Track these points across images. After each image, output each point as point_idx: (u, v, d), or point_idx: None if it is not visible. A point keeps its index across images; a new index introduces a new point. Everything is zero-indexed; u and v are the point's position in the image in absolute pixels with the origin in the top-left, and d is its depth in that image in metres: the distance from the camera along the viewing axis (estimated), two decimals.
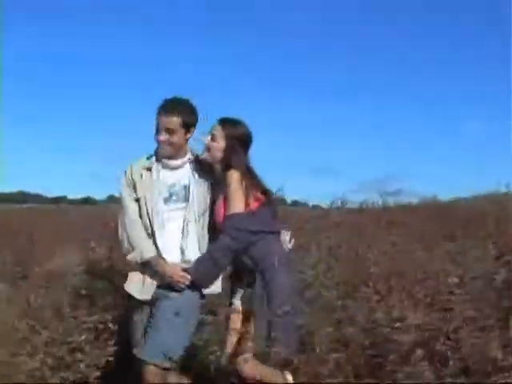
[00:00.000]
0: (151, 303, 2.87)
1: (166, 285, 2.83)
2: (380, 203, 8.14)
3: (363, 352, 2.67)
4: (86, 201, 23.79)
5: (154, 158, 2.96)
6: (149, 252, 2.85)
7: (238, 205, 2.67)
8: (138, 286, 2.88)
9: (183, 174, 2.94)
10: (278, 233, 2.78)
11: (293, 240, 2.83)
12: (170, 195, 2.91)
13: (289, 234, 2.83)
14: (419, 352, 2.28)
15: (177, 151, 2.91)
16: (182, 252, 2.85)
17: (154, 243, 2.86)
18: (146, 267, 2.87)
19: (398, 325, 2.56)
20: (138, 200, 2.92)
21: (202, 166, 2.94)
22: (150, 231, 2.88)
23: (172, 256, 2.86)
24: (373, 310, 2.97)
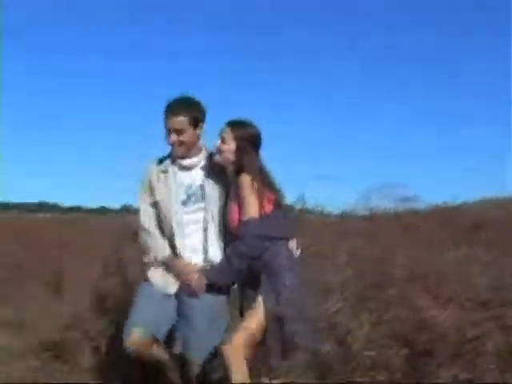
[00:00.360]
0: (175, 297, 2.85)
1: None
2: (391, 209, 8.21)
3: (408, 349, 2.74)
4: (102, 211, 23.79)
5: (168, 161, 2.92)
6: (162, 253, 2.84)
7: (252, 210, 2.63)
8: (161, 281, 2.86)
9: (198, 173, 2.91)
10: (288, 239, 2.77)
11: (300, 248, 2.81)
12: (188, 197, 2.87)
13: (295, 241, 2.80)
14: (488, 345, 2.33)
15: (189, 149, 2.86)
16: (205, 252, 2.83)
17: (175, 245, 2.83)
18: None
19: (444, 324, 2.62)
20: (156, 203, 2.90)
21: (215, 165, 2.88)
22: (170, 234, 2.85)
23: (195, 257, 2.83)
24: (412, 309, 3.07)
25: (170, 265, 2.85)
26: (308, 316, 2.56)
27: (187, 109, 2.83)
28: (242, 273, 2.71)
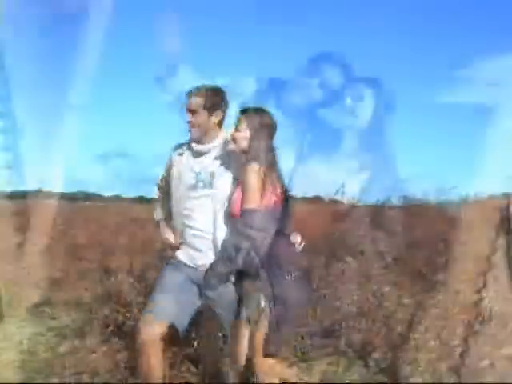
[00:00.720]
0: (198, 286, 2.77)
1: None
2: (428, 199, 8.12)
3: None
4: (140, 200, 24.17)
5: (186, 145, 2.92)
6: (158, 215, 3.05)
7: (254, 200, 2.52)
8: (185, 257, 2.84)
9: (210, 160, 2.83)
10: (288, 235, 2.68)
11: (303, 243, 2.72)
12: (197, 182, 2.84)
13: (298, 236, 2.72)
14: None
15: (203, 134, 2.82)
16: (214, 239, 2.75)
17: (183, 229, 2.83)
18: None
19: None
20: (169, 185, 2.94)
21: (230, 154, 2.78)
22: (179, 217, 2.86)
23: (202, 242, 2.79)
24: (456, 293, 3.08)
25: (159, 226, 3.01)
26: (299, 313, 2.58)
27: (205, 92, 2.82)
28: (241, 262, 2.57)
